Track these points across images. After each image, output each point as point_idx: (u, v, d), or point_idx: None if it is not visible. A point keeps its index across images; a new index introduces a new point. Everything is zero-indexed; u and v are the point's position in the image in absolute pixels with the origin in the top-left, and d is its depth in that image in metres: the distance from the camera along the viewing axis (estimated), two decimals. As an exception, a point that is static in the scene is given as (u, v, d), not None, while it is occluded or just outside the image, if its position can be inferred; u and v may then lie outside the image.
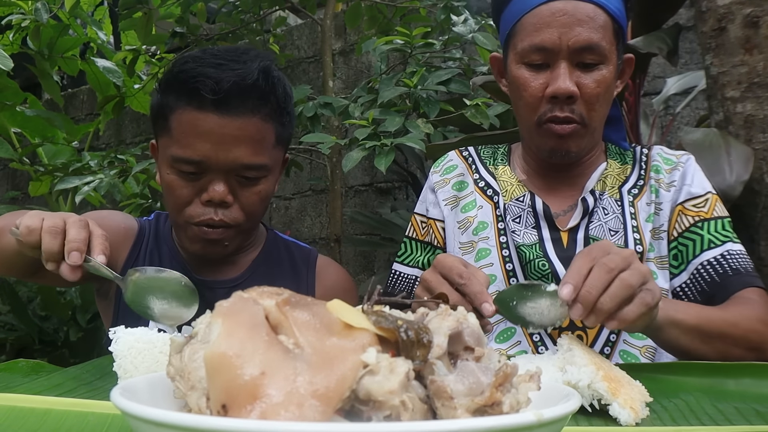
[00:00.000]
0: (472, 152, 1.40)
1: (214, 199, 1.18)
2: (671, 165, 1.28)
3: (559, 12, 1.14)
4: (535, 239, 1.25)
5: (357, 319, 0.53)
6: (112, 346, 0.87)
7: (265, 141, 1.20)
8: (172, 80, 1.20)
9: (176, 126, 1.18)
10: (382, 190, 3.67)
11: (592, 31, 1.13)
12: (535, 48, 1.16)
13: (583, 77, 1.15)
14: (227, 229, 1.20)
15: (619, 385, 0.81)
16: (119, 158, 2.89)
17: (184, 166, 1.17)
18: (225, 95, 1.14)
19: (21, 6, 3.02)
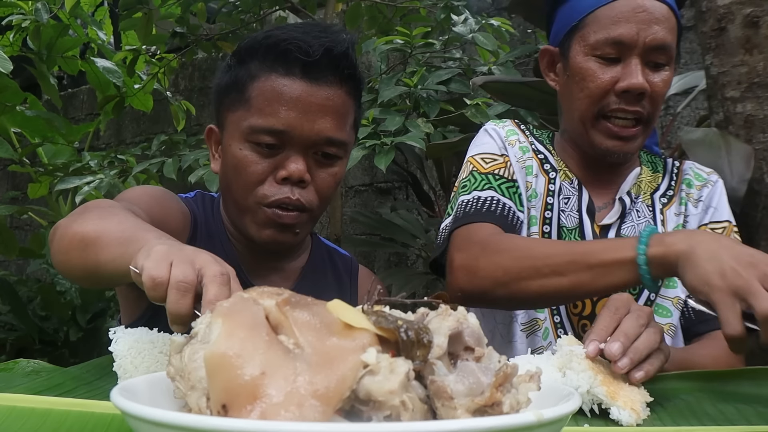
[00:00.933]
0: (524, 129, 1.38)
1: (293, 176, 1.09)
2: (702, 181, 1.31)
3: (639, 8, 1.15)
4: (576, 224, 1.27)
5: (357, 319, 0.53)
6: (112, 346, 0.87)
7: (347, 117, 1.15)
8: (256, 46, 1.13)
9: (258, 94, 1.11)
10: (382, 190, 3.67)
11: (666, 32, 1.15)
12: (612, 41, 1.16)
13: (651, 75, 1.17)
14: (301, 212, 1.12)
15: (619, 387, 0.81)
16: (119, 158, 2.89)
17: (264, 137, 1.09)
18: (317, 60, 1.09)
19: (21, 6, 3.02)
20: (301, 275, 1.28)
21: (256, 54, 1.13)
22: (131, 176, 2.77)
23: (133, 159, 2.89)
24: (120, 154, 2.93)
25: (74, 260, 0.95)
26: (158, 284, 0.74)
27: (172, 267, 0.75)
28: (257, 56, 1.13)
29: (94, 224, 0.93)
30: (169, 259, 0.76)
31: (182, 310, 0.73)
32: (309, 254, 1.32)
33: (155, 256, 0.77)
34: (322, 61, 1.09)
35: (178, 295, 0.73)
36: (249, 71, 1.13)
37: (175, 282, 0.73)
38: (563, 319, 1.25)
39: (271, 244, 1.15)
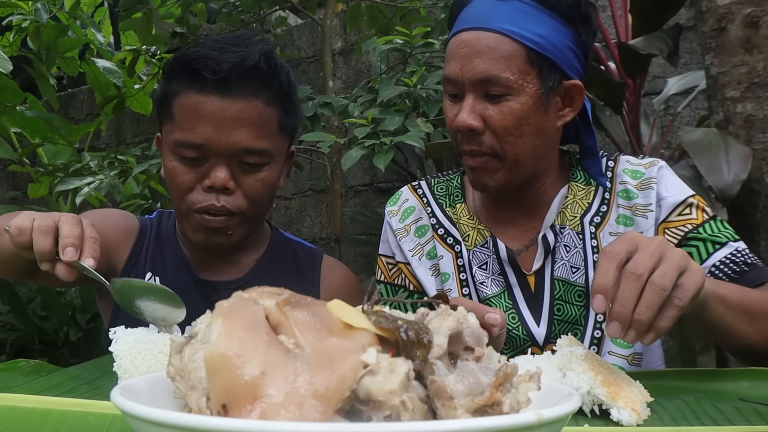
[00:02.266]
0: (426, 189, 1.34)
1: (216, 184, 1.16)
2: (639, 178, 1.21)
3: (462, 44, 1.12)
4: (503, 286, 1.21)
5: (357, 319, 0.53)
6: (112, 346, 0.87)
7: (267, 126, 1.19)
8: (175, 65, 1.20)
9: (178, 110, 1.18)
10: (382, 190, 3.67)
11: (490, 63, 1.09)
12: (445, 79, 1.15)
13: (488, 109, 1.11)
14: (230, 216, 1.19)
15: (619, 387, 0.81)
16: (119, 158, 2.89)
17: (186, 151, 1.17)
18: (226, 76, 1.14)
19: (21, 6, 3.02)
20: (254, 266, 1.34)
21: (174, 72, 1.20)
22: (131, 177, 2.77)
23: (133, 159, 2.89)
24: (120, 154, 2.93)
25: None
26: (23, 230, 0.96)
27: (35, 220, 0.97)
28: (175, 74, 1.20)
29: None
30: (32, 216, 0.98)
31: (45, 247, 0.95)
32: (266, 247, 1.37)
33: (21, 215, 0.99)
34: (231, 76, 1.15)
35: (40, 236, 0.95)
36: (171, 87, 1.20)
37: (36, 227, 0.95)
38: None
39: (206, 245, 1.23)
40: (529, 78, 1.10)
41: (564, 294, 1.18)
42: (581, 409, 0.81)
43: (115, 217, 1.35)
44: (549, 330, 1.18)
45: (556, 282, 1.19)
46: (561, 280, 1.19)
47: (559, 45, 1.11)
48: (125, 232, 1.33)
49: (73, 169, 2.76)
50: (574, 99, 1.17)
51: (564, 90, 1.15)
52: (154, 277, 1.30)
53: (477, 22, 1.11)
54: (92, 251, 0.97)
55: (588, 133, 1.24)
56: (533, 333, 1.18)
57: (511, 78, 1.08)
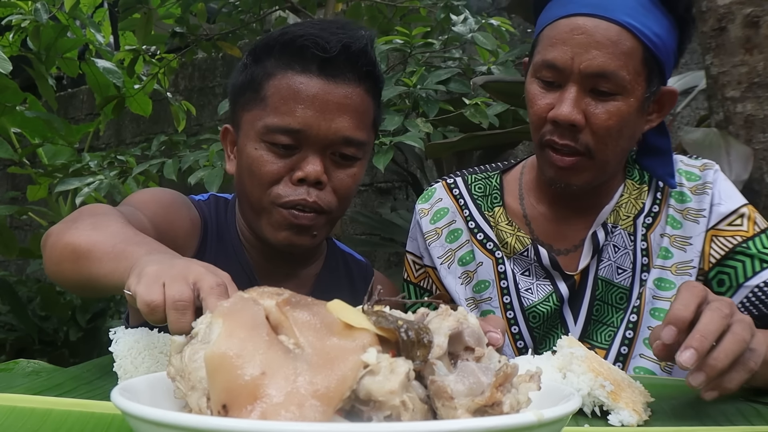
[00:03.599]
0: (462, 189, 1.25)
1: (309, 176, 1.06)
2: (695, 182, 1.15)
3: (577, 29, 1.02)
4: (549, 290, 1.16)
5: (357, 319, 0.53)
6: (113, 346, 0.87)
7: (366, 116, 1.11)
8: (273, 44, 1.10)
9: (274, 93, 1.07)
10: (382, 190, 3.67)
11: (609, 57, 1.00)
12: (547, 64, 1.05)
13: (593, 105, 1.03)
14: (318, 215, 1.08)
15: (620, 388, 0.81)
16: (119, 159, 2.89)
17: (280, 137, 1.06)
18: (334, 57, 1.05)
19: (21, 7, 3.02)
20: (314, 284, 1.24)
21: (272, 51, 1.10)
22: (131, 177, 2.77)
23: (133, 159, 2.88)
24: (120, 154, 2.93)
25: (67, 272, 0.94)
26: (154, 309, 0.73)
27: (166, 287, 0.73)
28: (273, 54, 1.10)
29: (87, 235, 0.91)
30: (161, 279, 0.74)
31: (185, 329, 0.70)
32: (324, 260, 1.28)
33: (146, 280, 0.75)
34: (339, 57, 1.06)
35: (177, 315, 0.72)
36: (265, 69, 1.10)
37: (171, 303, 0.72)
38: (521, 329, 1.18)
39: (286, 247, 1.12)
40: (640, 80, 1.03)
41: (604, 294, 1.14)
42: (581, 409, 0.81)
43: (179, 207, 1.17)
44: (584, 330, 1.15)
45: (599, 282, 1.15)
46: (604, 280, 1.14)
47: (669, 48, 1.05)
48: (191, 227, 1.17)
49: (72, 170, 2.75)
50: (665, 105, 1.11)
51: (660, 95, 1.09)
52: None
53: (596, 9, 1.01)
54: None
55: (662, 133, 1.16)
56: (570, 331, 1.15)
57: (627, 77, 1.01)
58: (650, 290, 1.13)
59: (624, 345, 1.13)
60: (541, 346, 1.18)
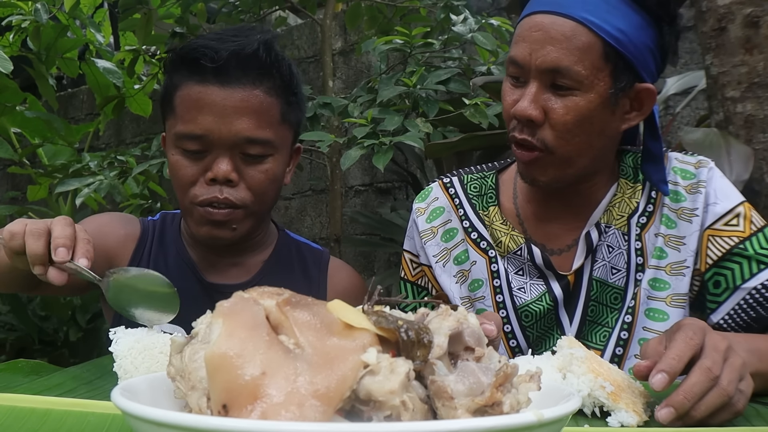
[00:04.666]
0: (458, 188, 1.27)
1: (218, 176, 1.15)
2: (690, 180, 1.14)
3: (535, 26, 1.04)
4: (543, 289, 1.17)
5: (357, 319, 0.53)
6: (113, 346, 0.87)
7: (269, 115, 1.18)
8: (176, 57, 1.20)
9: (180, 103, 1.17)
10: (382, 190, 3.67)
11: (563, 53, 1.01)
12: (510, 61, 1.08)
13: (552, 101, 1.04)
14: (234, 209, 1.17)
15: (620, 389, 0.81)
16: (119, 159, 2.89)
17: (187, 143, 1.16)
18: (224, 64, 1.14)
19: (21, 7, 3.02)
20: (261, 269, 1.31)
21: (175, 64, 1.20)
22: (131, 177, 2.77)
23: (133, 160, 2.88)
24: (120, 154, 2.93)
25: None
26: (15, 234, 0.95)
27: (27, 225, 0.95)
28: (175, 66, 1.20)
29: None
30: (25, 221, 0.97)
31: (38, 250, 0.93)
32: (273, 248, 1.35)
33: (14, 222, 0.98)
34: (230, 64, 1.14)
35: (32, 239, 0.93)
36: (172, 81, 1.20)
37: (29, 231, 0.94)
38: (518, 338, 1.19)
39: (209, 240, 1.21)
40: (601, 75, 1.02)
41: (599, 295, 1.15)
42: (582, 410, 0.81)
43: (113, 222, 1.33)
44: (579, 330, 1.16)
45: (594, 282, 1.15)
46: (598, 281, 1.15)
47: (639, 44, 1.04)
48: (125, 237, 1.31)
49: (72, 170, 2.75)
50: (644, 103, 1.10)
51: (635, 93, 1.08)
52: None
53: (554, 6, 1.03)
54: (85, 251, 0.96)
55: (654, 138, 1.16)
56: (566, 332, 1.16)
57: (583, 72, 1.01)
58: (645, 290, 1.13)
59: (619, 346, 1.13)
60: (537, 348, 1.19)
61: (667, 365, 0.77)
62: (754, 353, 0.93)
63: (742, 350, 0.89)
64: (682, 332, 0.81)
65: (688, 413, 0.76)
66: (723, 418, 0.78)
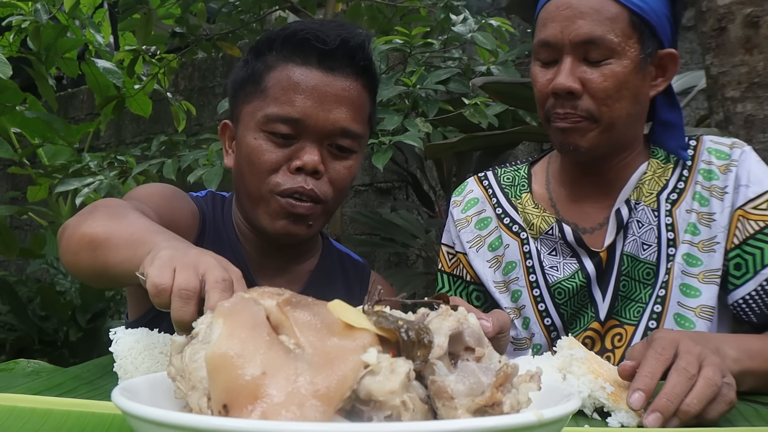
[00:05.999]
0: (492, 180, 1.34)
1: (307, 166, 1.09)
2: (725, 160, 1.18)
3: (563, 5, 1.10)
4: (576, 267, 1.21)
5: (358, 319, 0.53)
6: (113, 346, 0.87)
7: (363, 110, 1.15)
8: (274, 38, 1.15)
9: (274, 84, 1.12)
10: (382, 190, 3.67)
11: (594, 24, 1.08)
12: (542, 44, 1.13)
13: (588, 72, 1.10)
14: (315, 204, 1.12)
15: (620, 389, 0.81)
16: (119, 159, 2.89)
17: (279, 126, 1.10)
18: (333, 50, 1.10)
19: (21, 7, 3.02)
20: (308, 280, 1.26)
21: (273, 45, 1.14)
22: (131, 177, 2.77)
23: (132, 159, 2.88)
24: (120, 154, 2.93)
25: (83, 261, 0.95)
26: (161, 291, 0.74)
27: (176, 273, 0.75)
28: (274, 47, 1.14)
29: (104, 225, 0.93)
30: (173, 265, 0.76)
31: (186, 318, 0.73)
32: (319, 258, 1.29)
33: (158, 263, 0.76)
34: (338, 51, 1.11)
35: (181, 303, 0.73)
36: (266, 63, 1.14)
37: (177, 290, 0.73)
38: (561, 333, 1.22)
39: (283, 236, 1.14)
40: (631, 42, 1.09)
41: (631, 270, 1.17)
42: (582, 410, 0.81)
43: (179, 198, 1.21)
44: (612, 306, 1.18)
45: (625, 257, 1.18)
46: (630, 256, 1.18)
47: (659, 12, 1.11)
48: (192, 219, 1.21)
49: (72, 170, 2.75)
50: (667, 68, 1.16)
51: (659, 59, 1.14)
52: None
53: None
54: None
55: (672, 106, 1.23)
56: (599, 309, 1.18)
57: (615, 40, 1.08)
58: (679, 264, 1.15)
59: (652, 319, 1.15)
60: (571, 326, 1.21)
61: (641, 383, 0.78)
62: (745, 352, 0.95)
63: (732, 348, 0.94)
64: (651, 349, 0.83)
65: (681, 410, 0.77)
66: (719, 409, 0.79)
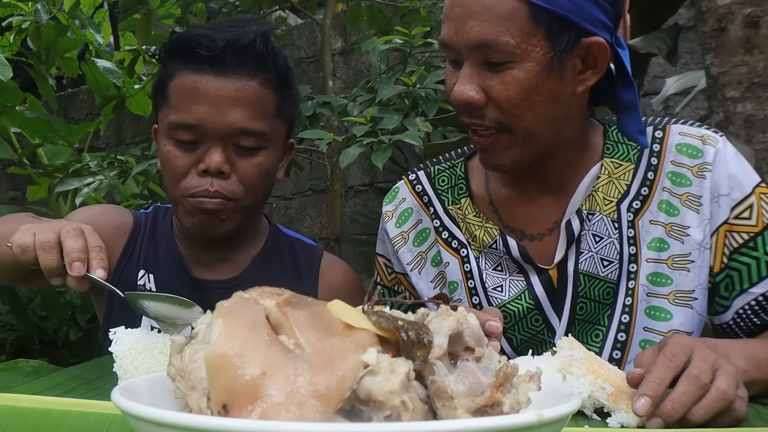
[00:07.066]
0: (425, 183, 1.19)
1: (210, 168, 1.13)
2: (698, 159, 1.02)
3: (455, 3, 0.95)
4: (523, 286, 1.08)
5: (357, 319, 0.53)
6: (113, 346, 0.87)
7: (263, 107, 1.17)
8: (170, 46, 1.20)
9: (174, 92, 1.16)
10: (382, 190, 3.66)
11: (486, 25, 0.91)
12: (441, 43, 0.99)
13: (489, 78, 0.95)
14: (225, 201, 1.15)
15: (620, 390, 0.81)
16: (119, 159, 2.89)
17: (180, 133, 1.14)
18: (220, 54, 1.13)
19: (21, 7, 3.02)
20: (250, 264, 1.30)
21: (170, 53, 1.19)
22: (131, 177, 2.77)
23: (133, 159, 2.88)
24: (120, 154, 2.93)
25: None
26: (25, 248, 0.93)
27: (35, 235, 0.93)
28: (170, 55, 1.19)
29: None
30: (32, 230, 0.95)
31: (52, 264, 0.92)
32: (263, 245, 1.33)
33: (21, 231, 0.96)
34: (226, 54, 1.14)
35: (45, 254, 0.92)
36: (167, 70, 1.19)
37: (39, 243, 0.92)
38: None
39: (200, 231, 1.19)
40: (534, 40, 0.92)
41: (588, 290, 1.04)
42: (582, 411, 0.81)
43: (105, 214, 1.31)
44: (569, 327, 1.06)
45: (581, 276, 1.04)
46: (586, 275, 1.04)
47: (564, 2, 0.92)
48: (117, 230, 1.29)
49: (72, 170, 2.76)
50: (597, 59, 0.98)
51: (584, 49, 0.96)
52: (148, 275, 1.27)
53: None
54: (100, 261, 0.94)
55: (626, 86, 1.04)
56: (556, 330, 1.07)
57: (512, 42, 0.92)
58: (643, 287, 1.03)
59: (616, 349, 1.05)
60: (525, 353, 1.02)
61: (648, 389, 0.75)
62: (752, 361, 0.90)
63: (740, 358, 0.88)
64: (662, 354, 0.78)
65: (687, 419, 0.75)
66: (725, 423, 0.77)
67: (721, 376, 0.77)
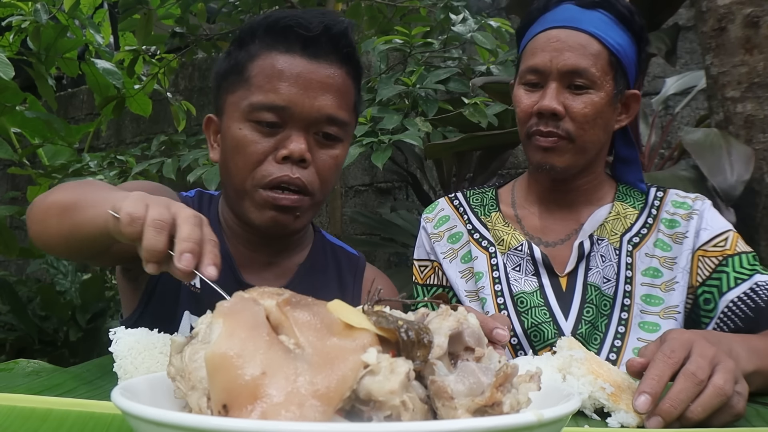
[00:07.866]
0: (462, 200, 1.43)
1: (294, 154, 1.07)
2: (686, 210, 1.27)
3: (553, 38, 1.23)
4: (536, 286, 1.29)
5: (357, 319, 0.53)
6: (113, 346, 0.87)
7: (348, 98, 1.14)
8: (256, 27, 1.14)
9: (258, 72, 1.10)
10: (382, 190, 3.67)
11: (581, 57, 1.21)
12: (530, 69, 1.25)
13: (570, 98, 1.22)
14: (302, 196, 1.10)
15: (620, 390, 0.81)
16: (119, 159, 2.89)
17: (264, 115, 1.08)
18: (316, 37, 1.09)
19: (21, 7, 3.02)
20: (296, 272, 1.24)
21: (256, 34, 1.13)
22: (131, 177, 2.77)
23: (132, 159, 2.89)
24: (120, 154, 2.93)
25: (51, 227, 0.97)
26: (135, 219, 0.78)
27: (149, 208, 0.79)
28: (257, 36, 1.13)
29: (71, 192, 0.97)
30: (146, 201, 0.80)
31: (158, 246, 0.77)
32: (309, 251, 1.28)
33: (133, 198, 0.81)
34: (321, 38, 1.10)
35: (154, 232, 0.77)
36: (249, 52, 1.13)
37: (151, 220, 0.78)
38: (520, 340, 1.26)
39: (271, 227, 1.12)
40: (608, 78, 1.22)
41: (595, 299, 1.25)
42: (582, 411, 0.81)
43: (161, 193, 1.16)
44: (575, 326, 1.24)
45: (590, 287, 1.26)
46: (594, 286, 1.26)
47: (630, 56, 1.25)
48: None
49: (72, 170, 2.76)
50: (630, 107, 1.30)
51: (625, 97, 1.28)
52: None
53: (567, 22, 1.24)
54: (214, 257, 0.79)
55: (629, 144, 1.36)
56: (561, 327, 1.24)
57: (596, 74, 1.21)
58: (638, 305, 1.24)
59: (612, 352, 1.22)
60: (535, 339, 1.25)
61: (648, 386, 0.78)
62: (754, 352, 0.96)
63: (742, 350, 0.94)
64: (661, 351, 0.82)
65: (685, 416, 0.76)
66: (723, 420, 0.78)
67: (719, 371, 0.79)
